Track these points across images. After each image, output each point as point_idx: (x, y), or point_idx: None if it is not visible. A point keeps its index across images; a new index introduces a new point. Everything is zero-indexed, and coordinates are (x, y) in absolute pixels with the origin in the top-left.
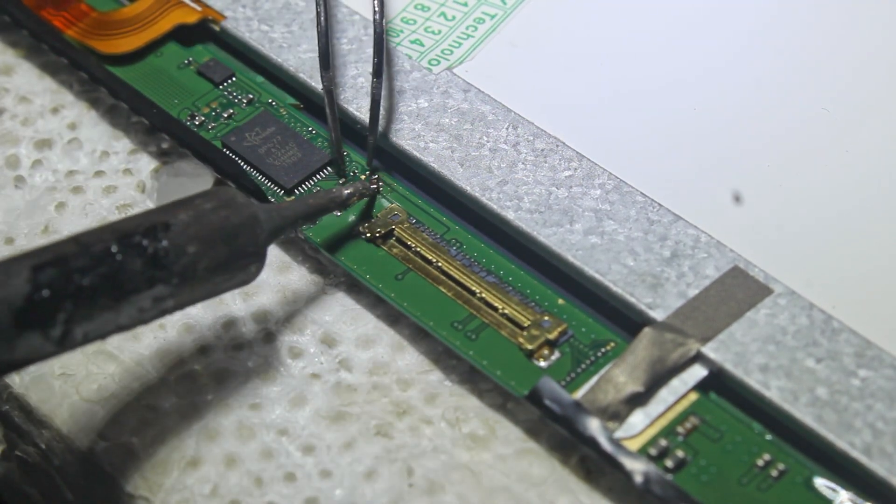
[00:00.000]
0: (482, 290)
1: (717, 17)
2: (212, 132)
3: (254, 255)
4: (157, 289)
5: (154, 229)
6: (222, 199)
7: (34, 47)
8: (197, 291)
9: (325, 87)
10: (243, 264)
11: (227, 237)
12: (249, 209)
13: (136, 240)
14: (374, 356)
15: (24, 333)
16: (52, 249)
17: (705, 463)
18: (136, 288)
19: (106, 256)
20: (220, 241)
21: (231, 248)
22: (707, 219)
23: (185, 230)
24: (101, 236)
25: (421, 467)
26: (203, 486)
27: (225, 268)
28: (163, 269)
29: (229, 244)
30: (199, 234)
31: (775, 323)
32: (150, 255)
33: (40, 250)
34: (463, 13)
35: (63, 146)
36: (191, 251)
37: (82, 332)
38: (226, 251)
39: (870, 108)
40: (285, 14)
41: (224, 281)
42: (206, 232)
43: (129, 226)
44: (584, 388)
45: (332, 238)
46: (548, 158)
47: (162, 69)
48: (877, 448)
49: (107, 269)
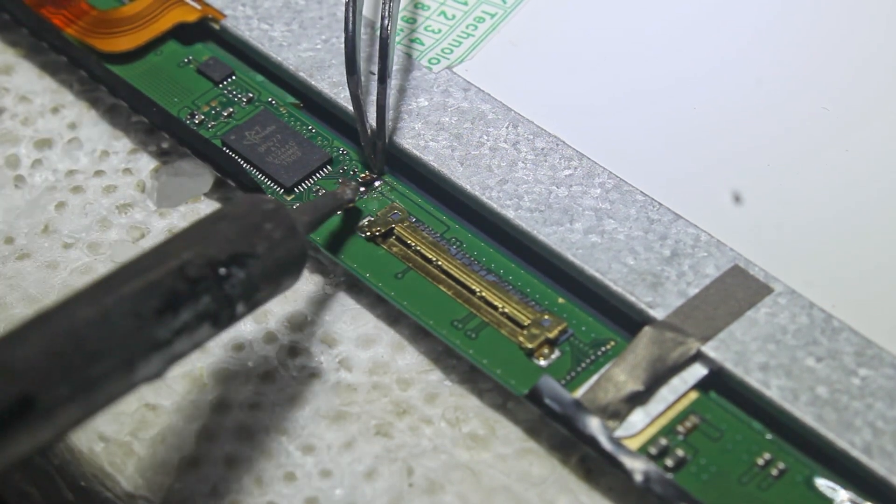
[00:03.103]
0: (482, 289)
1: (717, 17)
2: (212, 131)
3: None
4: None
5: (235, 260)
6: (285, 223)
7: (34, 47)
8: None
9: (351, 92)
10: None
11: (288, 271)
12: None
13: (219, 272)
14: (374, 356)
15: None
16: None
17: (705, 462)
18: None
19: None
20: (283, 276)
21: (285, 280)
22: (707, 218)
23: (258, 265)
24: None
25: (421, 467)
26: (203, 486)
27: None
28: (230, 305)
29: (285, 278)
30: (269, 271)
31: (775, 322)
32: (225, 292)
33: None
34: (463, 12)
35: (63, 146)
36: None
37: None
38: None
39: (870, 108)
40: (285, 13)
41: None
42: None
43: (212, 252)
44: (585, 387)
45: (332, 237)
46: (548, 157)
47: (162, 68)
48: (877, 447)
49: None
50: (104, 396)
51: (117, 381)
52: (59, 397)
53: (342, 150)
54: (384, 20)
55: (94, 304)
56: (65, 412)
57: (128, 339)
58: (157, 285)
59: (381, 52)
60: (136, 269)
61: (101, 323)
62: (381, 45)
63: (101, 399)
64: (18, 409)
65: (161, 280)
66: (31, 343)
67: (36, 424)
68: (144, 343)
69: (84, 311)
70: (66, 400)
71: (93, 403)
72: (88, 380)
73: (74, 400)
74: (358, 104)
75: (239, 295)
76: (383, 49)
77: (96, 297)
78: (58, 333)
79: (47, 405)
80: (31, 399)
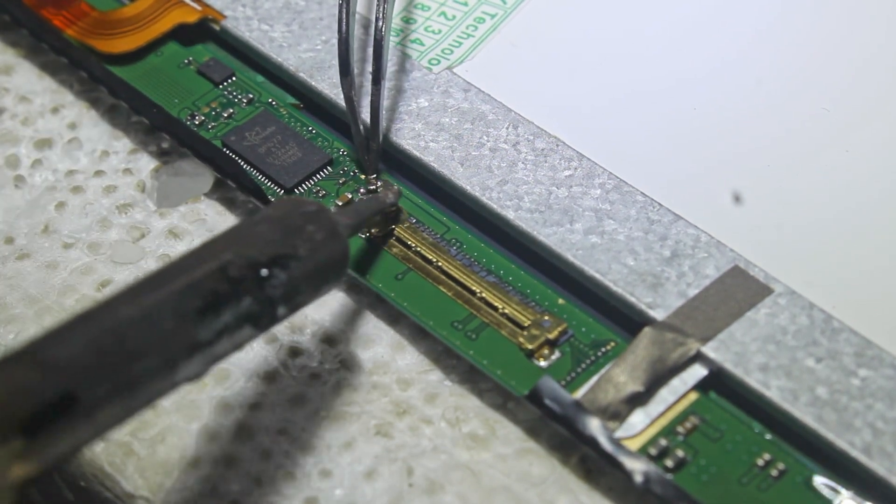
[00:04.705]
0: (482, 290)
1: (717, 18)
2: (212, 132)
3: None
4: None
5: (277, 261)
6: (328, 226)
7: (34, 47)
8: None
9: (345, 94)
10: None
11: (329, 273)
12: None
13: (259, 273)
14: (374, 356)
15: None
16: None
17: (705, 462)
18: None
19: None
20: (324, 278)
21: (327, 282)
22: (707, 218)
23: (300, 267)
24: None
25: (421, 467)
26: (203, 486)
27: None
28: (271, 306)
29: (327, 280)
30: (311, 273)
31: (775, 322)
32: (267, 294)
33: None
34: (463, 13)
35: (63, 146)
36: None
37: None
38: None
39: (870, 108)
40: (285, 14)
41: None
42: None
43: (252, 253)
44: (585, 388)
45: None
46: (548, 158)
47: (162, 69)
48: (877, 447)
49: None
50: (145, 396)
51: (159, 381)
52: (101, 396)
53: (342, 150)
54: (378, 22)
55: (136, 304)
56: (106, 411)
57: (169, 338)
58: (199, 285)
59: (375, 54)
60: (177, 269)
61: (142, 322)
62: (376, 47)
63: (142, 398)
64: (61, 407)
65: (202, 280)
66: (74, 341)
67: (78, 422)
68: (186, 343)
69: (126, 309)
70: (108, 398)
71: (134, 403)
72: (130, 379)
73: (116, 399)
74: (351, 105)
75: (280, 297)
76: (377, 51)
77: (138, 296)
78: (100, 331)
79: (89, 403)
80: (73, 396)
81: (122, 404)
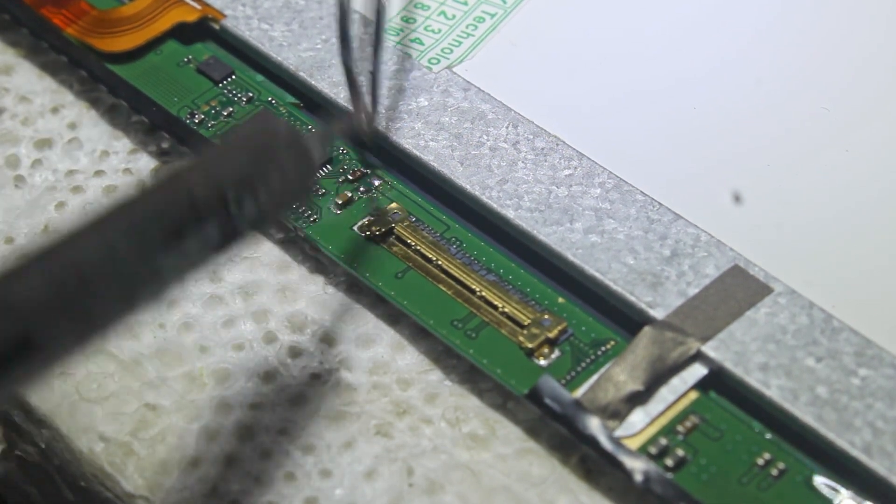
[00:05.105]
0: (482, 289)
1: (717, 17)
2: (211, 130)
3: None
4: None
5: (244, 185)
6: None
7: (34, 47)
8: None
9: (343, 62)
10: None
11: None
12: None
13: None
14: (374, 356)
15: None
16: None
17: (705, 462)
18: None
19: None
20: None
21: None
22: (707, 218)
23: (267, 192)
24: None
25: (421, 467)
26: (203, 486)
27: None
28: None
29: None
30: (284, 198)
31: (775, 322)
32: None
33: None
34: (463, 12)
35: (63, 146)
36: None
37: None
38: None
39: (870, 108)
40: (285, 13)
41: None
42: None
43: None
44: (584, 387)
45: (332, 237)
46: (548, 157)
47: (161, 67)
48: (877, 447)
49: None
50: (103, 328)
51: (118, 313)
52: (58, 334)
53: (342, 149)
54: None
55: (99, 238)
56: (63, 347)
57: (132, 270)
58: (164, 212)
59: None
60: (142, 195)
61: (104, 255)
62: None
63: (101, 331)
64: (16, 350)
65: (168, 206)
66: (31, 280)
67: (34, 363)
68: (148, 272)
69: (88, 245)
70: (65, 335)
71: (92, 336)
72: (89, 314)
73: (73, 334)
74: (351, 76)
75: (247, 221)
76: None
77: (100, 230)
78: (60, 269)
79: (45, 342)
80: (29, 339)
81: (80, 338)
